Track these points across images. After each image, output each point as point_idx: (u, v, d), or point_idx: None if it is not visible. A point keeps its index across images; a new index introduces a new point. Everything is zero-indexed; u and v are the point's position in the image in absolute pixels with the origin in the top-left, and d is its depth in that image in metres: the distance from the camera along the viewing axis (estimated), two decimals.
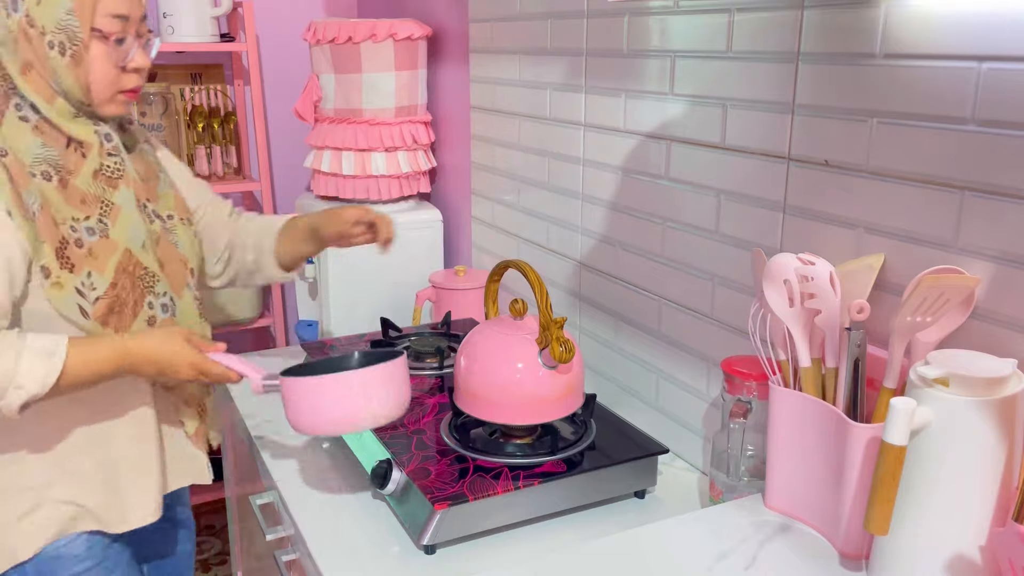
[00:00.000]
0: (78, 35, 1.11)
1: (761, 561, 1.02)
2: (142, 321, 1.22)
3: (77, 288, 1.14)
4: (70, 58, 1.11)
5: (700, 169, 1.30)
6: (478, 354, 1.30)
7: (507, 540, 1.19)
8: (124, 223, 1.20)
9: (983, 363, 0.88)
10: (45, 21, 1.09)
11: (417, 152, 2.17)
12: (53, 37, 1.10)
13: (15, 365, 1.06)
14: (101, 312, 1.16)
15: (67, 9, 1.09)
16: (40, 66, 1.11)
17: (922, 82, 0.96)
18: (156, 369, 1.17)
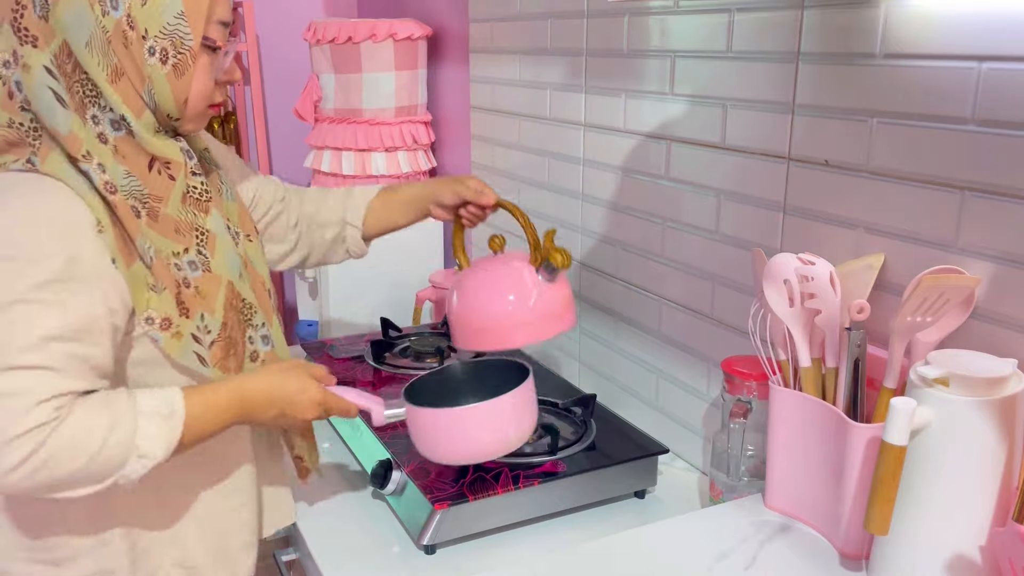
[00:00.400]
0: (187, 43, 0.96)
1: (761, 561, 1.02)
2: (248, 360, 1.09)
3: (193, 334, 1.01)
4: (172, 67, 0.96)
5: (700, 169, 1.30)
6: (475, 287, 1.25)
7: (507, 540, 1.19)
8: (222, 252, 1.05)
9: (983, 363, 0.88)
10: (149, 24, 0.94)
11: (417, 152, 2.17)
12: (155, 43, 0.95)
13: (133, 434, 0.92)
14: (218, 357, 1.03)
15: (177, 12, 0.95)
16: (133, 74, 0.95)
17: (922, 82, 0.96)
18: (277, 411, 1.05)
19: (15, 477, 0.88)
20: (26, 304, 0.88)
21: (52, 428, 0.88)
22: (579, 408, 1.38)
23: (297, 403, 1.06)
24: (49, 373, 0.89)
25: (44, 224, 0.91)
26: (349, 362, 1.66)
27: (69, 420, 0.89)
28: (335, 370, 1.60)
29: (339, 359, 1.68)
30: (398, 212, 1.37)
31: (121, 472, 0.93)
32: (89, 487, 0.92)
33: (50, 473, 0.89)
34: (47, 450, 0.88)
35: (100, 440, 0.90)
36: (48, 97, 0.92)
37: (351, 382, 1.55)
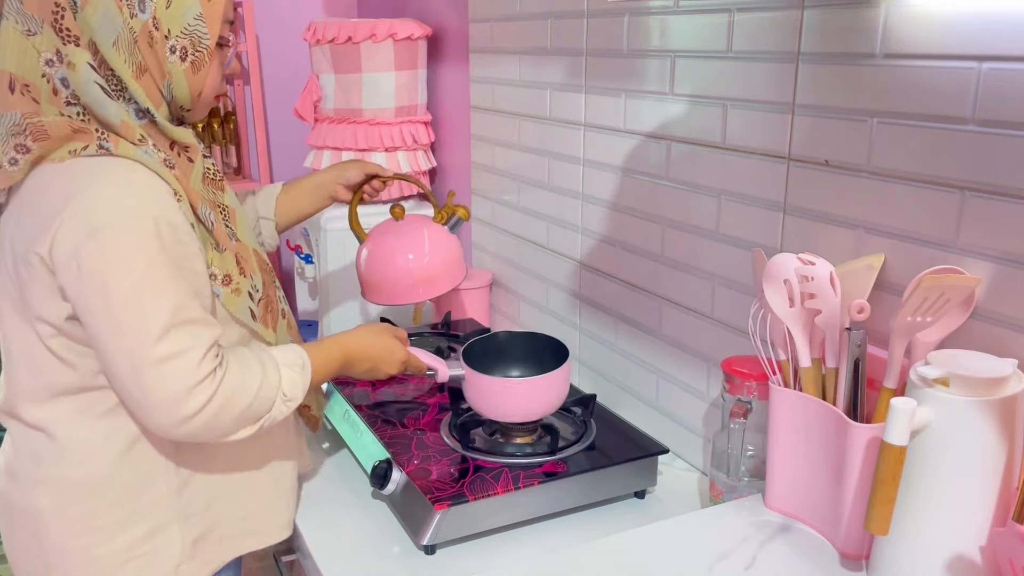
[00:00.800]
0: (204, 41, 1.06)
1: (761, 561, 1.02)
2: (280, 316, 1.22)
3: (249, 292, 1.14)
4: (190, 64, 1.06)
5: (700, 169, 1.30)
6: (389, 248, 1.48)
7: (507, 540, 1.19)
8: (242, 224, 1.18)
9: (983, 363, 0.88)
10: (171, 25, 1.03)
11: (417, 152, 2.17)
12: (176, 42, 1.04)
13: (279, 380, 1.07)
14: (262, 312, 1.16)
15: (196, 14, 1.04)
16: (155, 70, 1.04)
17: (922, 82, 0.96)
18: (370, 365, 1.23)
19: (198, 422, 1.00)
20: (155, 270, 0.98)
21: (221, 376, 1.01)
22: (579, 408, 1.38)
23: (386, 360, 1.24)
24: (199, 327, 1.01)
25: (139, 199, 1.00)
26: None
27: (231, 368, 1.03)
28: None
29: None
30: (305, 200, 1.48)
31: (269, 415, 1.06)
32: (247, 428, 1.05)
33: (226, 415, 1.01)
34: (222, 394, 1.00)
35: (257, 384, 1.04)
36: (96, 91, 1.01)
37: (351, 382, 1.56)
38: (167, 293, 0.98)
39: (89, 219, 0.97)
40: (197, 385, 0.98)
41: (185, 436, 1.01)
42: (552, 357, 1.32)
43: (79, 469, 1.08)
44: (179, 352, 0.98)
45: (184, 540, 1.12)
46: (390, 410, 1.44)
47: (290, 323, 1.26)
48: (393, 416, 1.41)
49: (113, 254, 0.96)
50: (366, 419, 1.39)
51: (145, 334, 0.97)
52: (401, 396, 1.50)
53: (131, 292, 0.97)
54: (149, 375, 0.97)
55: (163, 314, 0.97)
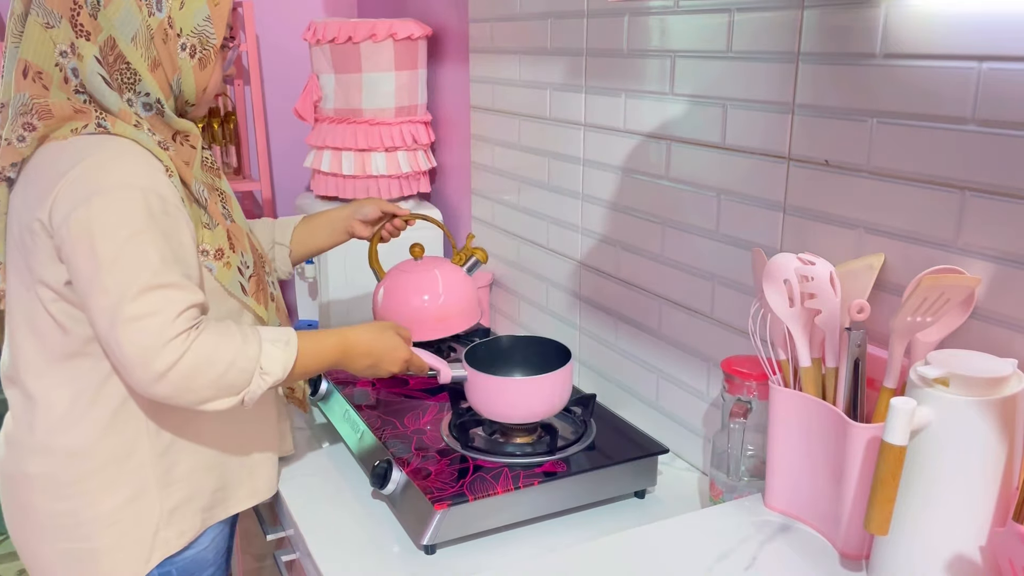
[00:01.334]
0: (211, 41, 1.15)
1: (761, 561, 1.02)
2: (269, 300, 1.26)
3: (238, 267, 1.19)
4: (198, 61, 1.15)
5: (700, 169, 1.30)
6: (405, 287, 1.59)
7: (507, 540, 1.19)
8: (237, 209, 1.25)
9: (983, 363, 0.88)
10: (184, 24, 1.12)
11: (417, 152, 2.17)
12: (187, 40, 1.13)
13: (259, 352, 1.09)
14: (253, 289, 1.21)
15: (205, 16, 1.13)
16: (168, 65, 1.13)
17: (922, 82, 0.96)
18: (370, 361, 1.23)
19: (171, 381, 1.02)
20: (140, 235, 1.03)
21: (195, 336, 1.04)
22: (579, 408, 1.38)
23: (388, 357, 1.24)
24: (175, 290, 1.04)
25: (131, 171, 1.07)
26: None
27: (208, 332, 1.05)
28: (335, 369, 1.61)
29: None
30: (321, 235, 1.52)
31: (248, 389, 1.08)
32: (226, 399, 1.07)
33: (201, 378, 1.04)
34: (194, 353, 1.03)
35: (233, 352, 1.06)
36: (98, 81, 1.09)
37: (351, 382, 1.56)
38: (148, 257, 1.04)
39: (84, 186, 1.04)
40: (169, 343, 1.02)
41: (162, 395, 1.04)
42: (554, 361, 1.32)
43: (66, 436, 1.14)
44: (152, 312, 1.02)
45: (162, 507, 1.17)
46: (390, 410, 1.44)
47: (279, 307, 1.30)
48: (393, 416, 1.41)
49: (102, 219, 1.03)
50: (366, 419, 1.39)
51: (123, 293, 1.02)
52: (401, 396, 1.50)
53: (114, 254, 1.02)
54: (122, 331, 1.02)
55: (142, 275, 1.03)
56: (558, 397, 1.30)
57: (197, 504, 1.21)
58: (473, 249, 1.68)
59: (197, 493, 1.21)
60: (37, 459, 1.15)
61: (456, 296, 1.61)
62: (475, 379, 1.30)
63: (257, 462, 1.29)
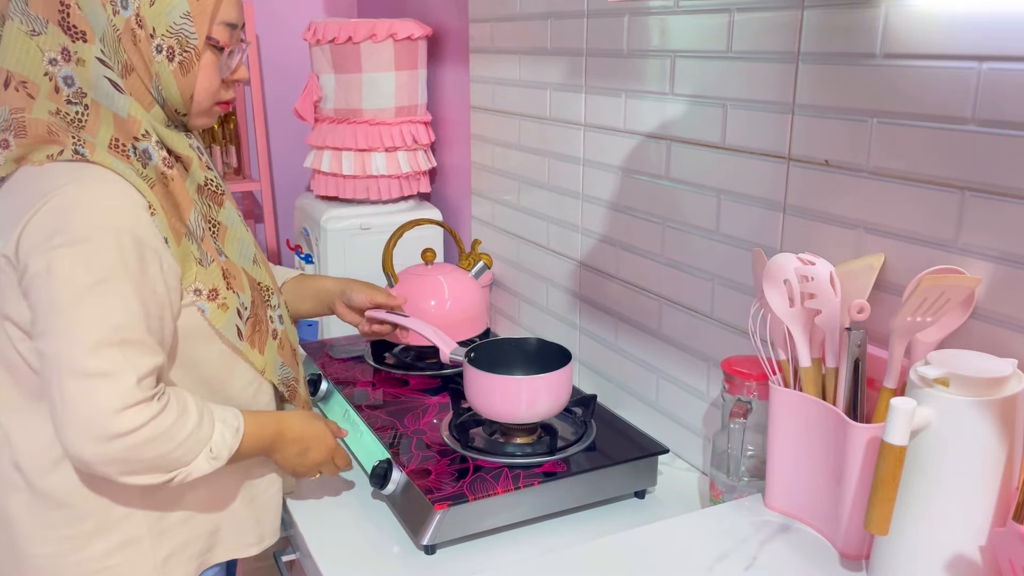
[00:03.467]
0: (191, 41, 1.02)
1: (761, 561, 1.02)
2: (270, 336, 1.17)
3: (238, 310, 1.10)
4: (178, 65, 1.03)
5: (700, 169, 1.30)
6: (413, 293, 1.60)
7: (507, 540, 1.19)
8: (234, 242, 1.14)
9: (983, 363, 0.88)
10: (156, 23, 1.00)
11: (417, 152, 2.17)
12: (163, 41, 1.01)
13: (211, 433, 1.02)
14: (249, 333, 1.13)
15: (183, 12, 1.01)
16: (142, 71, 1.02)
17: (922, 82, 0.96)
18: (299, 448, 1.16)
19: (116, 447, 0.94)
20: (105, 284, 0.94)
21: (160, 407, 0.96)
22: (579, 408, 1.38)
23: (316, 446, 1.18)
24: (136, 350, 0.96)
25: (107, 210, 0.96)
26: (349, 362, 1.66)
27: (171, 404, 0.98)
28: (335, 370, 1.61)
29: (339, 359, 1.68)
30: (307, 301, 1.40)
31: (187, 468, 1.00)
32: (157, 475, 0.99)
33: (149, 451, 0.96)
34: (155, 427, 0.95)
35: (188, 431, 0.99)
36: (106, 85, 1.00)
37: (351, 382, 1.56)
38: (111, 308, 0.94)
39: (52, 222, 0.94)
40: (126, 409, 0.94)
41: (91, 459, 0.95)
42: (555, 361, 1.31)
43: (49, 478, 1.05)
44: (112, 371, 0.93)
45: (156, 556, 1.09)
46: (390, 410, 1.44)
47: (283, 343, 1.21)
48: (393, 416, 1.41)
49: (68, 260, 0.93)
50: (366, 419, 1.39)
51: (76, 344, 0.93)
52: (401, 396, 1.50)
53: (74, 298, 0.93)
54: (75, 385, 0.93)
55: (101, 328, 0.94)
56: (558, 397, 1.29)
57: (193, 549, 1.13)
58: (480, 255, 1.75)
59: (193, 538, 1.13)
60: (21, 498, 1.06)
61: (464, 303, 1.65)
62: (475, 379, 1.30)
63: (260, 503, 1.21)
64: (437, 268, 1.70)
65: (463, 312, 1.64)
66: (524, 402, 1.27)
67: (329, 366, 1.63)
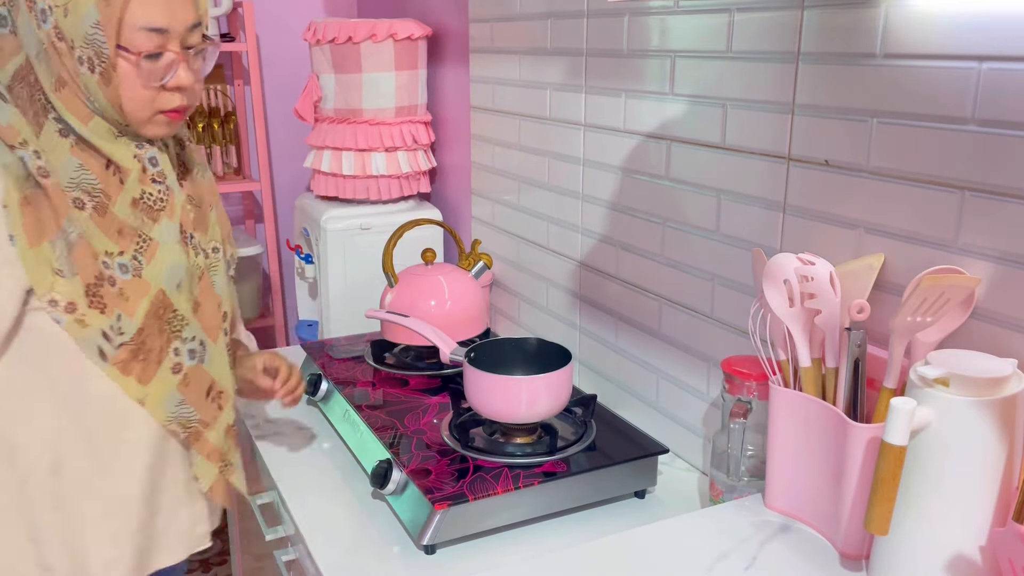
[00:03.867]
0: (104, 51, 0.98)
1: (761, 561, 1.02)
2: (167, 369, 1.10)
3: (103, 331, 1.04)
4: (99, 76, 0.99)
5: (700, 169, 1.30)
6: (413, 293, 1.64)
7: (507, 540, 1.19)
8: (161, 261, 1.08)
9: (983, 363, 0.88)
10: (73, 34, 0.97)
11: (417, 152, 2.17)
12: (82, 52, 0.98)
13: None
14: (123, 358, 1.06)
15: (93, 21, 0.96)
16: (72, 83, 1.00)
17: (922, 82, 0.96)
18: None
19: None
20: None
21: None
22: (579, 408, 1.38)
23: None
24: None
25: None
26: (349, 362, 1.66)
27: None
28: (335, 370, 1.61)
29: (339, 359, 1.68)
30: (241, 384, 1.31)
31: None
32: None
33: None
34: None
35: None
36: None
37: (351, 382, 1.56)
38: None
39: None
40: None
41: None
42: (555, 361, 1.32)
43: None
44: None
45: None
46: (390, 410, 1.44)
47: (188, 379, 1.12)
48: (393, 416, 1.41)
49: None
50: (366, 419, 1.39)
51: None
52: (401, 396, 1.50)
53: None
54: None
55: None
56: (558, 397, 1.29)
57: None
58: (480, 255, 1.75)
59: None
60: None
61: (464, 303, 1.65)
62: (475, 379, 1.30)
63: None
64: (437, 268, 1.70)
65: (463, 312, 1.64)
66: (524, 402, 1.27)
67: (329, 366, 1.63)
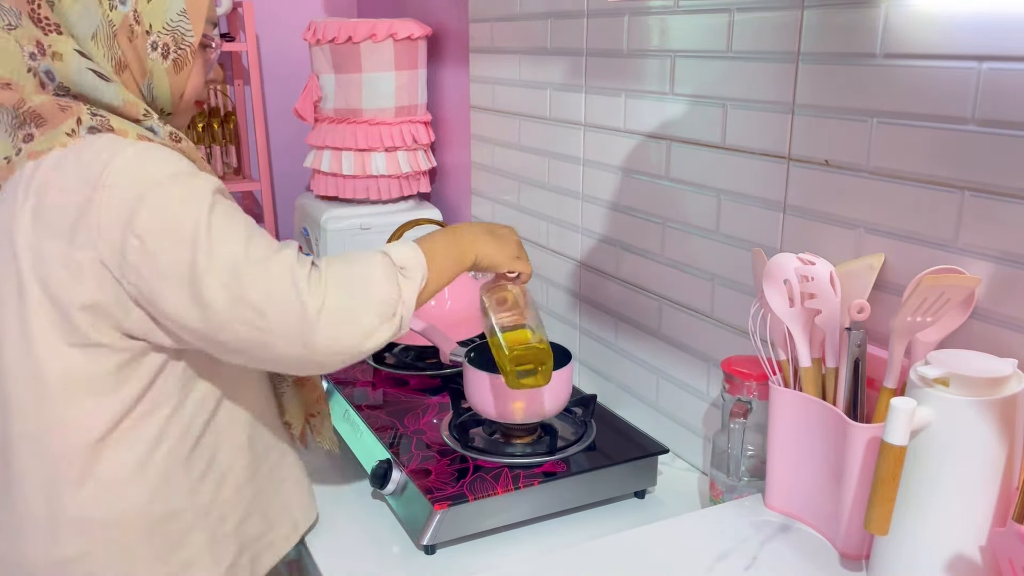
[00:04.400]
0: (187, 39, 1.01)
1: (761, 561, 1.02)
2: None
3: None
4: (172, 63, 1.01)
5: (700, 169, 1.30)
6: None
7: (507, 540, 1.19)
8: None
9: (983, 363, 0.88)
10: (153, 19, 0.98)
11: (417, 152, 2.17)
12: (158, 38, 0.99)
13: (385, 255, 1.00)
14: None
15: (179, 10, 0.99)
16: (136, 68, 1.00)
17: (922, 82, 0.96)
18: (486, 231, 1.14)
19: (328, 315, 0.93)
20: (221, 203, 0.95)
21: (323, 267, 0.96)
22: (579, 408, 1.38)
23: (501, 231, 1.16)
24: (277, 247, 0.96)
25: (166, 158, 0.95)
26: None
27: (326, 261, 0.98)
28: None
29: None
30: None
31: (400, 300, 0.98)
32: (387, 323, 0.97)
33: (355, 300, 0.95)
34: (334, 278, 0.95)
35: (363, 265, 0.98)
36: (91, 77, 0.96)
37: (351, 382, 1.56)
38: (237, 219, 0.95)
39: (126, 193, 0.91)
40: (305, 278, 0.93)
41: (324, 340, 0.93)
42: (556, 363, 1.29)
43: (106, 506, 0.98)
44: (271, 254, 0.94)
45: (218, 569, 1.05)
46: (390, 410, 1.44)
47: None
48: (393, 416, 1.41)
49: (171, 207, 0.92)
50: (366, 419, 1.39)
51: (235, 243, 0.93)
52: (401, 396, 1.50)
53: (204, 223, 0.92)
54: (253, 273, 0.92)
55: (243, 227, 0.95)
56: (558, 397, 1.29)
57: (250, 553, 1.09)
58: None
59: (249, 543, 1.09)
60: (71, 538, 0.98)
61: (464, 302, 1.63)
62: (475, 379, 1.30)
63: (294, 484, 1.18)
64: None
65: (463, 312, 1.64)
66: (524, 403, 1.27)
67: None
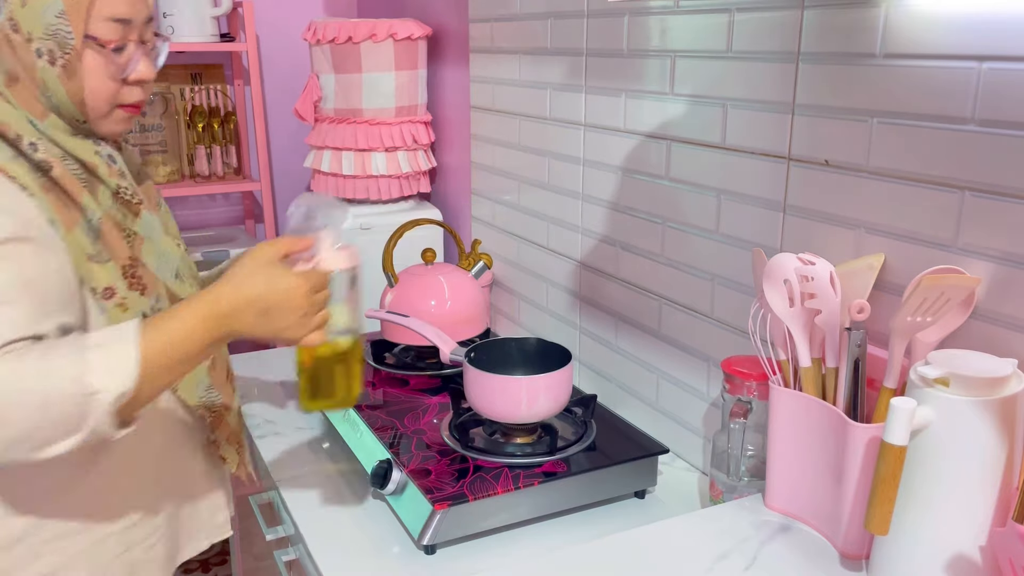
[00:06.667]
0: (69, 42, 0.94)
1: (761, 561, 1.02)
2: None
3: (145, 313, 1.00)
4: (61, 68, 0.95)
5: (700, 169, 1.30)
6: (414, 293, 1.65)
7: (507, 540, 1.19)
8: (151, 255, 1.05)
9: (983, 363, 0.88)
10: (31, 26, 0.93)
11: (417, 152, 2.17)
12: (41, 44, 0.94)
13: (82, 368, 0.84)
14: None
15: (57, 11, 0.93)
16: (27, 77, 0.95)
17: (922, 82, 0.96)
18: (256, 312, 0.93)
19: None
20: None
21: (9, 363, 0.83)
22: (579, 408, 1.38)
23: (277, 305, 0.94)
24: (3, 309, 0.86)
25: None
26: None
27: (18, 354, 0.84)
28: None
29: None
30: None
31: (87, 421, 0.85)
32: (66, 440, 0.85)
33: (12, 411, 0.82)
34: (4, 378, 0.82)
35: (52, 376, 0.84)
36: None
37: None
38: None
39: None
40: None
41: None
42: (555, 361, 1.32)
43: None
44: None
45: None
46: (390, 410, 1.44)
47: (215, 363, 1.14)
48: (393, 416, 1.41)
49: None
50: (366, 419, 1.39)
51: None
52: (401, 396, 1.50)
53: None
54: None
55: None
56: (558, 397, 1.29)
57: None
58: (480, 255, 1.76)
59: None
60: None
61: (464, 302, 1.65)
62: (475, 379, 1.30)
63: None
64: (437, 268, 1.70)
65: (463, 312, 1.64)
66: (524, 402, 1.27)
67: None
